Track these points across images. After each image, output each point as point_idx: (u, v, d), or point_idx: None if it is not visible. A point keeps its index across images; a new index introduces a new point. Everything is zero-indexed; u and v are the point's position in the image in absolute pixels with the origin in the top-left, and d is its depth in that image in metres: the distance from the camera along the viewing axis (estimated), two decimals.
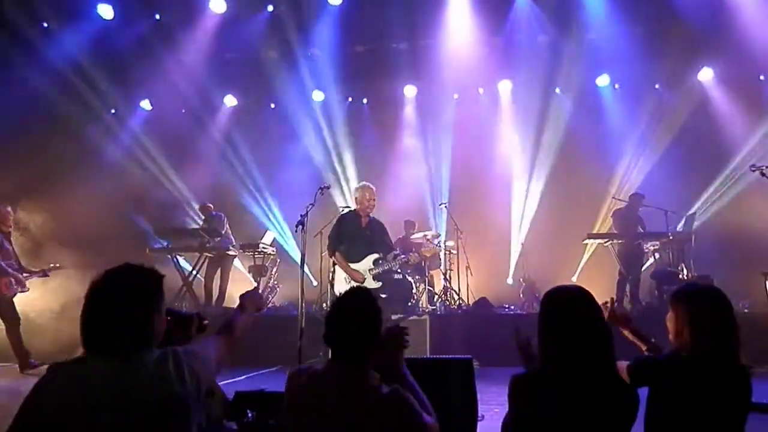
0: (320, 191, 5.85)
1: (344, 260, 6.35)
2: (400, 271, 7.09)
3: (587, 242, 9.24)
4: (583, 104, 11.13)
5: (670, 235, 8.26)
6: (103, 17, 9.70)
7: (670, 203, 8.54)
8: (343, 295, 2.29)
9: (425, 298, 8.28)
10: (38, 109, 9.53)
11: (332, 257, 6.45)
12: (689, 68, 10.34)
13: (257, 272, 9.41)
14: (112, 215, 9.96)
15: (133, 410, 1.65)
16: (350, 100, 12.04)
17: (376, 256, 6.17)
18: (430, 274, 8.80)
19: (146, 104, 11.53)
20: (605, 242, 8.75)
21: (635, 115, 10.85)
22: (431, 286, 8.77)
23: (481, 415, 3.83)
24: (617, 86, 11.16)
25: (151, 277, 1.91)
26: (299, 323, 5.11)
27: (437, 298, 8.75)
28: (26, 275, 7.26)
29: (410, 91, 11.65)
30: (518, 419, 2.16)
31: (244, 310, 2.48)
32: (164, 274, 1.97)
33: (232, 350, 2.21)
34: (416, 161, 11.65)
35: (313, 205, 5.65)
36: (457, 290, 8.80)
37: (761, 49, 9.24)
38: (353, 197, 6.58)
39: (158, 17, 10.16)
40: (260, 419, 3.70)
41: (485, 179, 11.42)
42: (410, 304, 7.59)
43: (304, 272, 5.50)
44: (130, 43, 9.95)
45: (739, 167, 9.56)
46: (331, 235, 6.57)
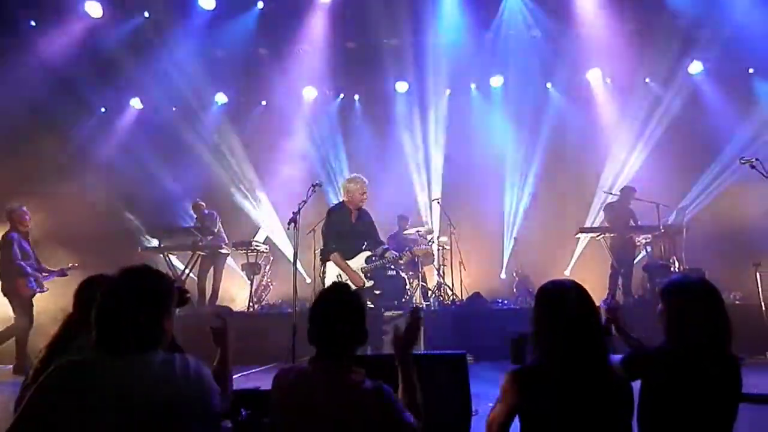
0: (312, 188, 5.84)
1: (343, 261, 5.88)
2: (393, 267, 7.08)
3: (580, 236, 9.28)
4: (574, 99, 11.17)
5: (661, 228, 8.31)
6: (91, 15, 9.63)
7: (661, 196, 8.59)
8: (324, 291, 2.29)
9: (419, 293, 8.30)
10: (27, 108, 9.43)
11: (329, 258, 5.89)
12: (679, 62, 10.38)
13: (250, 270, 9.38)
14: (103, 214, 9.91)
15: (136, 410, 1.65)
16: (342, 96, 12.01)
17: (368, 253, 6.05)
18: (423, 270, 8.82)
19: (136, 102, 11.46)
20: (597, 236, 8.79)
21: (626, 109, 10.90)
22: (425, 281, 8.79)
23: (474, 409, 3.85)
24: (608, 80, 11.20)
25: (163, 280, 1.94)
26: (292, 320, 5.12)
27: (431, 293, 8.77)
28: (45, 275, 7.28)
29: (402, 87, 11.64)
30: (511, 414, 2.17)
31: (221, 351, 2.65)
32: (186, 290, 2.00)
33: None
34: (409, 157, 11.65)
35: (305, 202, 5.65)
36: (450, 285, 8.82)
37: (750, 42, 9.30)
38: (343, 189, 6.16)
39: (147, 15, 10.09)
40: (254, 417, 3.70)
41: (478, 175, 11.44)
42: (404, 300, 7.60)
43: (296, 269, 5.50)
44: (119, 41, 9.88)
45: (729, 160, 9.62)
46: (325, 233, 6.04)
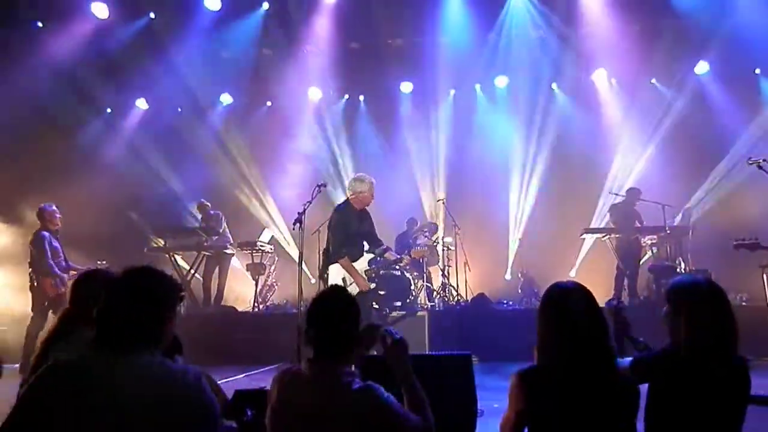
0: (318, 189, 5.83)
1: (352, 266, 5.71)
2: (398, 267, 7.06)
3: (585, 237, 9.25)
4: (579, 99, 11.14)
5: (667, 229, 8.28)
6: (97, 16, 9.67)
7: (667, 197, 8.55)
8: (320, 294, 2.32)
9: (424, 294, 8.28)
10: (34, 108, 9.49)
11: (337, 261, 5.69)
12: (685, 62, 10.35)
13: (255, 270, 9.40)
14: (109, 214, 9.94)
15: (128, 411, 1.64)
16: (347, 97, 12.02)
17: (371, 255, 6.03)
18: (428, 270, 8.81)
19: (142, 103, 11.49)
20: (603, 237, 8.76)
21: (632, 109, 10.86)
22: (429, 282, 8.78)
23: (480, 410, 3.84)
24: (613, 81, 11.16)
25: (165, 281, 1.92)
26: (297, 321, 5.11)
27: (435, 294, 8.76)
28: (73, 273, 7.18)
29: (407, 87, 11.64)
30: (520, 416, 2.17)
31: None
32: (180, 286, 1.98)
33: None
34: (413, 157, 11.64)
35: (310, 202, 5.64)
36: (455, 286, 8.81)
37: (756, 42, 9.25)
38: (349, 188, 5.95)
39: (153, 16, 10.14)
40: (260, 418, 3.69)
41: (482, 175, 11.42)
42: (408, 300, 7.58)
43: (302, 270, 5.50)
44: (125, 41, 9.93)
45: (735, 161, 9.57)
46: (335, 235, 5.78)
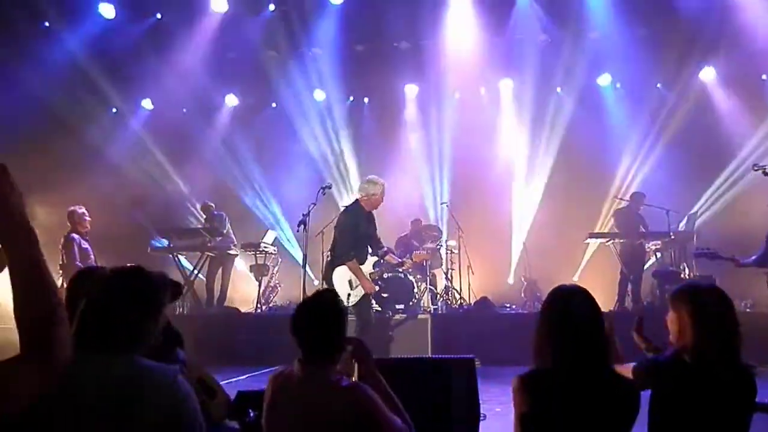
0: (322, 191, 5.85)
1: (359, 268, 5.68)
2: (401, 270, 7.04)
3: (589, 241, 9.23)
4: (584, 103, 11.11)
5: (671, 234, 8.25)
6: (104, 16, 9.70)
7: (671, 202, 8.53)
8: (307, 299, 2.39)
9: (427, 297, 8.27)
10: (39, 108, 9.51)
11: (345, 263, 5.65)
12: (691, 67, 10.31)
13: (258, 272, 9.41)
14: (113, 215, 9.96)
15: (90, 408, 1.59)
16: (351, 99, 12.02)
17: (375, 259, 6.01)
18: (431, 273, 8.80)
19: (147, 103, 11.52)
20: (607, 241, 8.74)
21: (637, 114, 10.84)
22: (433, 285, 8.77)
23: (483, 414, 3.83)
24: (618, 85, 11.14)
25: (152, 282, 1.86)
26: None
27: (439, 297, 8.75)
28: None
29: (411, 90, 11.64)
30: (524, 419, 2.17)
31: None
32: (178, 283, 1.92)
33: None
34: (417, 160, 11.64)
35: (315, 204, 5.66)
36: (458, 289, 8.80)
37: (763, 48, 9.23)
38: (361, 190, 5.87)
39: (159, 16, 10.17)
40: (262, 419, 3.70)
41: (486, 178, 11.41)
42: (411, 303, 7.58)
43: (305, 271, 5.50)
44: (131, 42, 9.96)
45: (741, 166, 9.54)
46: (345, 236, 5.73)
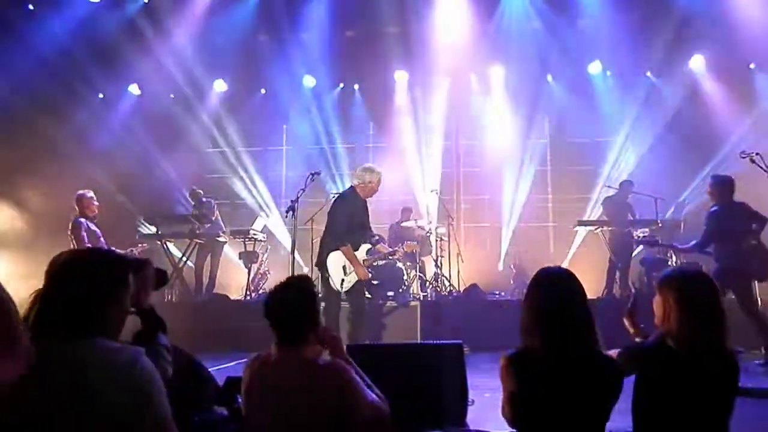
0: (311, 177, 5.81)
1: (353, 254, 5.66)
2: (390, 257, 7.06)
3: (577, 229, 9.28)
4: (574, 91, 11.11)
5: (659, 222, 8.30)
6: (90, 0, 9.55)
7: (660, 190, 8.58)
8: (278, 284, 2.42)
9: (416, 284, 8.29)
10: (24, 93, 9.36)
11: (338, 248, 5.63)
12: (680, 55, 10.34)
13: (247, 258, 9.39)
14: (100, 201, 9.86)
15: (61, 393, 1.56)
16: (341, 85, 11.95)
17: (368, 246, 6.03)
18: (421, 260, 8.81)
19: (135, 89, 11.39)
20: (595, 229, 8.78)
21: (626, 102, 10.85)
22: (422, 272, 8.79)
23: (471, 399, 3.86)
24: (609, 73, 11.14)
25: (112, 263, 1.81)
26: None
27: (428, 284, 8.78)
28: None
29: (402, 76, 11.58)
30: (513, 398, 2.21)
31: None
32: (164, 270, 1.88)
33: None
34: (407, 147, 11.61)
35: (303, 190, 5.63)
36: (448, 277, 8.83)
37: (751, 37, 9.25)
38: (357, 178, 5.81)
39: (146, 0, 10.01)
40: None
41: (476, 165, 11.43)
42: (401, 290, 7.60)
43: (294, 258, 5.49)
44: (117, 26, 9.82)
45: (729, 154, 9.59)
46: (339, 221, 5.69)
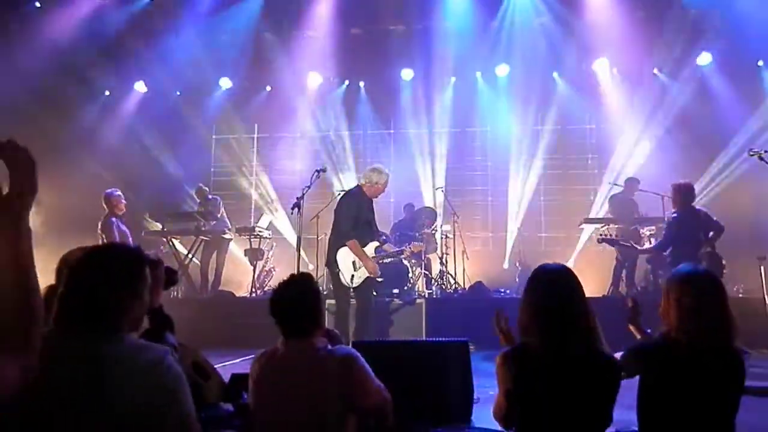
0: (316, 174, 5.81)
1: (361, 248, 5.68)
2: (397, 257, 7.07)
3: (583, 227, 9.24)
4: (580, 88, 11.07)
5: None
6: None
7: (666, 188, 8.50)
8: (283, 282, 2.49)
9: (421, 282, 8.29)
10: (31, 90, 9.40)
11: (345, 243, 5.68)
12: (688, 53, 10.27)
13: (253, 256, 9.40)
14: None
15: (87, 390, 1.57)
16: (347, 83, 11.94)
17: (376, 243, 6.05)
18: (426, 258, 8.81)
19: (141, 86, 11.41)
20: (601, 227, 8.75)
21: (633, 99, 10.80)
22: (427, 270, 8.79)
23: (476, 397, 3.86)
24: (615, 71, 11.09)
25: (129, 260, 1.82)
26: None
27: (433, 282, 8.77)
28: None
29: (407, 74, 11.56)
30: (509, 396, 2.20)
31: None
32: (173, 270, 1.88)
33: None
34: (413, 145, 11.59)
35: (309, 187, 5.63)
36: (453, 274, 8.82)
37: (760, 34, 9.19)
38: (365, 177, 5.86)
39: None
40: None
41: (482, 163, 11.40)
42: (406, 288, 7.60)
43: (300, 255, 5.49)
44: (124, 23, 9.84)
45: (737, 152, 9.54)
46: (344, 217, 5.74)
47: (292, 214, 5.55)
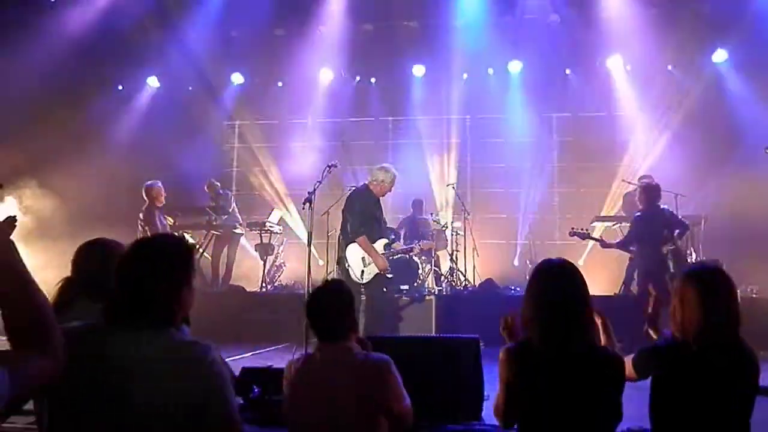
0: (328, 169, 5.80)
1: (370, 245, 5.71)
2: (406, 254, 7.08)
3: (595, 225, 9.18)
4: (594, 85, 10.98)
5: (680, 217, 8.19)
6: None
7: (681, 186, 8.45)
8: (319, 287, 2.64)
9: (431, 278, 8.28)
10: (46, 83, 9.49)
11: (355, 240, 5.71)
12: (703, 49, 10.15)
13: (263, 251, 9.42)
14: (119, 191, 9.98)
15: (135, 384, 1.58)
16: (358, 79, 11.92)
17: (386, 241, 6.06)
18: (436, 255, 8.80)
19: (153, 81, 11.48)
20: (613, 225, 8.69)
21: (647, 96, 10.69)
22: (437, 267, 8.77)
23: (486, 394, 3.85)
24: (629, 67, 10.98)
25: (178, 249, 1.81)
26: (305, 301, 5.10)
27: (443, 278, 8.76)
28: None
29: (419, 70, 11.52)
30: (510, 390, 2.20)
31: None
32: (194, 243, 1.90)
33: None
34: (424, 141, 11.56)
35: (320, 182, 5.62)
36: (463, 271, 8.80)
37: None
38: (372, 176, 5.94)
39: None
40: (265, 394, 3.73)
41: (493, 160, 11.35)
42: (416, 284, 7.60)
43: (311, 250, 5.49)
44: (137, 18, 9.88)
45: (752, 150, 9.40)
46: (353, 214, 5.79)
47: (303, 209, 5.54)
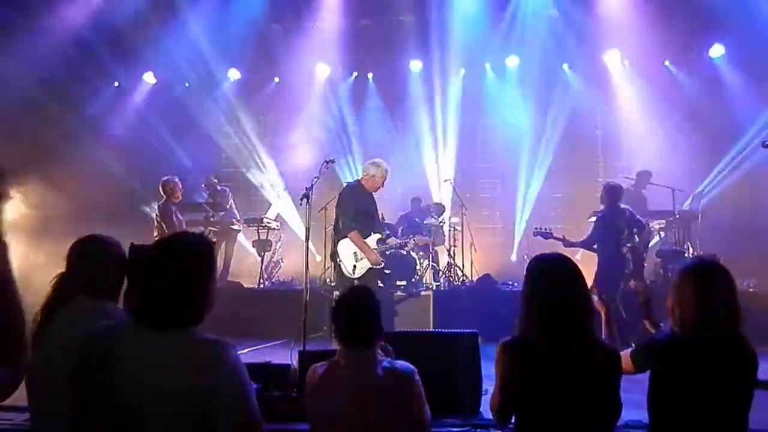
0: (325, 165, 5.79)
1: (362, 240, 5.75)
2: (400, 249, 7.06)
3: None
4: (591, 80, 10.98)
5: (676, 213, 8.22)
6: None
7: (677, 181, 8.47)
8: (345, 294, 2.68)
9: (429, 274, 8.28)
10: (41, 80, 9.45)
11: (347, 235, 5.77)
12: (700, 44, 10.17)
13: (261, 247, 9.42)
14: (115, 188, 9.96)
15: (156, 383, 1.59)
16: (355, 75, 11.90)
17: (379, 235, 6.06)
18: (434, 250, 8.79)
19: (150, 77, 11.44)
20: None
21: (644, 91, 10.68)
22: (435, 262, 8.77)
23: (484, 389, 3.85)
24: (626, 62, 10.98)
25: (203, 247, 1.82)
26: (303, 297, 5.12)
27: (441, 274, 8.76)
28: None
29: (416, 65, 11.50)
30: (507, 385, 2.20)
31: None
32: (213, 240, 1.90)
33: None
34: (421, 137, 11.54)
35: (318, 178, 5.60)
36: (461, 266, 8.80)
37: None
38: (364, 171, 5.99)
39: None
40: (265, 391, 3.73)
41: (491, 156, 11.35)
42: (413, 280, 7.59)
43: (308, 246, 5.48)
44: (133, 14, 9.83)
45: (749, 145, 9.43)
46: (343, 210, 5.86)
47: (301, 204, 5.52)
